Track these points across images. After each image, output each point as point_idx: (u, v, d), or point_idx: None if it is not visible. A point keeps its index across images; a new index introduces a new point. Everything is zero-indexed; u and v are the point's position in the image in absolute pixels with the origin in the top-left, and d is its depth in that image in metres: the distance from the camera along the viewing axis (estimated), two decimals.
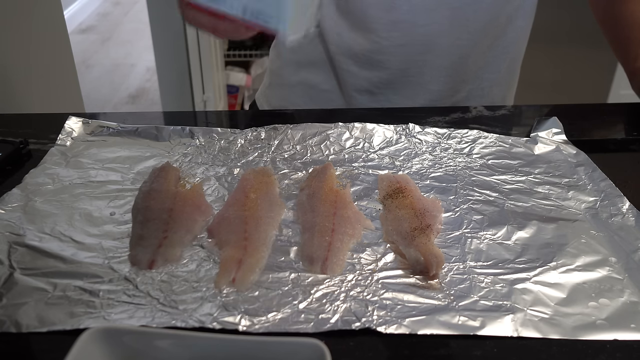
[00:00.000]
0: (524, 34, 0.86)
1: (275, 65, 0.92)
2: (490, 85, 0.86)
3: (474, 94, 0.86)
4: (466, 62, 0.81)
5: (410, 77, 0.82)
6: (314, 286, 0.46)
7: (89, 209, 0.55)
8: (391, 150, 0.68)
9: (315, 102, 0.87)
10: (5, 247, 0.49)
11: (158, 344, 0.37)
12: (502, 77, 0.87)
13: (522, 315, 0.44)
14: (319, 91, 0.87)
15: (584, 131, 0.74)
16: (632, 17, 0.84)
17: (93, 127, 0.70)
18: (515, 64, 0.89)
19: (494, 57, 0.83)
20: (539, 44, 2.15)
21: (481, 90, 0.86)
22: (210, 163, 0.64)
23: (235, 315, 0.43)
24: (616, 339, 0.42)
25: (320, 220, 0.53)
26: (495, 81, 0.86)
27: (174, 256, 0.49)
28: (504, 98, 0.90)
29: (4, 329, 0.42)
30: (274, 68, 0.93)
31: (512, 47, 0.84)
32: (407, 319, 0.43)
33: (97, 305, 0.44)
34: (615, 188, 0.60)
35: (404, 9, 0.77)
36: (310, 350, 0.36)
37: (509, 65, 0.87)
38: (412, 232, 0.52)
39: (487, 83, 0.86)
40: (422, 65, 0.81)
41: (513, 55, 0.86)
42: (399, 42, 0.79)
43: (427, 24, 0.77)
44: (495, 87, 0.87)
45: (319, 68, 0.86)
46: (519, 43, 0.86)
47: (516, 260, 0.50)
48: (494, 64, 0.84)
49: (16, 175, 0.61)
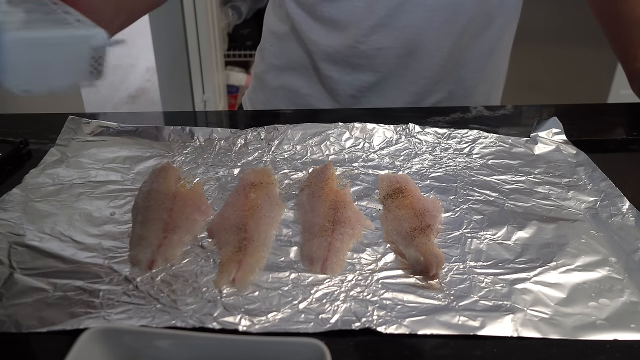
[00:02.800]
0: (508, 31, 0.84)
1: (259, 69, 0.93)
2: (474, 84, 0.85)
3: (457, 94, 0.85)
4: (447, 62, 0.81)
5: (391, 79, 0.82)
6: (314, 286, 0.46)
7: (89, 209, 0.55)
8: (391, 150, 0.68)
9: (297, 106, 0.88)
10: (5, 247, 0.49)
11: (158, 344, 0.37)
12: (487, 76, 0.86)
13: (522, 315, 0.44)
14: (301, 95, 0.87)
15: (584, 131, 0.74)
16: (631, 15, 0.82)
17: (93, 127, 0.70)
18: (501, 61, 0.88)
19: (476, 56, 0.83)
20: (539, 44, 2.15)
21: (464, 90, 0.85)
22: (210, 163, 0.64)
23: (235, 315, 0.43)
24: (616, 339, 0.42)
25: (320, 220, 0.53)
26: (479, 80, 0.85)
27: (174, 256, 0.49)
28: (488, 96, 0.89)
29: (4, 329, 0.42)
30: (257, 72, 0.93)
31: (495, 44, 0.83)
32: (407, 319, 0.43)
33: (97, 305, 0.44)
34: (615, 188, 0.60)
35: (382, 13, 0.76)
36: (310, 350, 0.36)
37: (494, 63, 0.86)
38: (412, 232, 0.52)
39: (471, 82, 0.85)
40: (403, 68, 0.81)
41: (497, 53, 0.85)
42: (378, 45, 0.79)
43: (405, 27, 0.77)
44: (480, 86, 0.86)
45: (300, 72, 0.86)
46: (503, 40, 0.85)
47: (516, 260, 0.50)
48: (476, 63, 0.83)
49: (16, 175, 0.61)
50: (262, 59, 0.91)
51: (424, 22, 0.77)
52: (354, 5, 0.77)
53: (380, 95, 0.83)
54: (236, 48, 2.60)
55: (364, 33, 0.78)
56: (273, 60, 0.89)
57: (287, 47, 0.85)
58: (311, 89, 0.86)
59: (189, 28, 2.21)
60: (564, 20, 2.10)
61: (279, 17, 0.86)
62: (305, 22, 0.81)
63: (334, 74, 0.82)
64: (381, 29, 0.77)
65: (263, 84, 0.91)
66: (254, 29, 2.56)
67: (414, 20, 0.77)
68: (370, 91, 0.83)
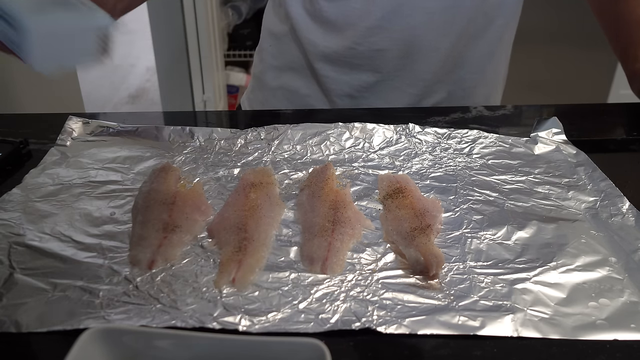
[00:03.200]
0: (507, 32, 0.84)
1: (258, 69, 0.93)
2: (473, 85, 0.85)
3: (456, 95, 0.85)
4: (445, 63, 0.81)
5: (390, 80, 0.82)
6: (314, 286, 0.46)
7: (89, 209, 0.55)
8: (391, 150, 0.68)
9: (296, 106, 0.88)
10: (5, 247, 0.49)
11: (158, 344, 0.37)
12: (486, 77, 0.86)
13: (522, 315, 0.44)
14: (299, 96, 0.87)
15: (584, 131, 0.75)
16: (631, 16, 0.82)
17: (93, 127, 0.70)
18: (500, 63, 0.88)
19: (475, 57, 0.82)
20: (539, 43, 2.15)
21: (463, 91, 0.85)
22: (210, 163, 0.64)
23: (235, 315, 0.43)
24: (616, 339, 0.42)
25: (320, 220, 0.53)
26: (478, 81, 0.85)
27: (174, 256, 0.49)
28: (488, 98, 0.89)
29: (4, 329, 0.42)
30: (256, 72, 0.94)
31: (494, 46, 0.83)
32: (407, 319, 0.43)
33: (97, 305, 0.44)
34: (615, 188, 0.60)
35: (378, 15, 0.76)
36: (310, 350, 0.36)
37: (493, 65, 0.86)
38: (412, 232, 0.52)
39: (470, 83, 0.85)
40: (402, 69, 0.80)
41: (497, 55, 0.85)
42: (376, 47, 0.79)
43: (403, 29, 0.77)
44: (479, 87, 0.86)
45: (299, 73, 0.86)
46: (503, 42, 0.85)
47: (516, 260, 0.50)
48: (476, 65, 0.83)
49: (16, 175, 0.61)
50: (260, 59, 0.91)
51: (421, 24, 0.77)
52: (351, 6, 0.77)
53: (379, 97, 0.83)
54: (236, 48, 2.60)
55: (362, 34, 0.78)
56: (272, 61, 0.89)
57: (286, 47, 0.86)
58: (310, 90, 0.86)
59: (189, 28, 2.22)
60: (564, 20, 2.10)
61: (279, 17, 0.86)
62: (305, 22, 0.81)
63: (332, 74, 0.82)
64: (378, 30, 0.77)
65: (262, 84, 0.91)
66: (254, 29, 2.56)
67: (412, 22, 0.76)
68: (368, 92, 0.83)
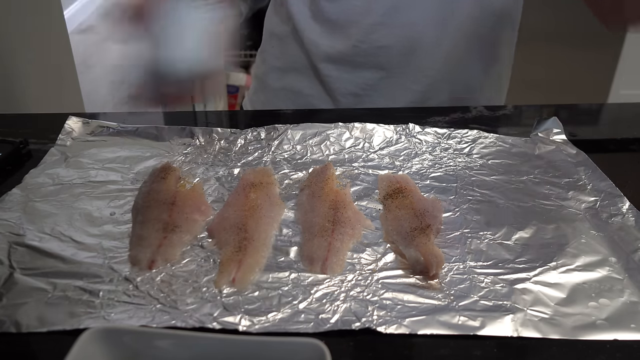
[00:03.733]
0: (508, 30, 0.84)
1: (260, 70, 0.92)
2: (476, 86, 0.85)
3: (459, 96, 0.85)
4: (448, 61, 0.81)
5: (394, 77, 0.82)
6: (314, 286, 0.46)
7: (89, 209, 0.55)
8: (391, 150, 0.68)
9: (299, 107, 0.88)
10: (5, 247, 0.49)
11: (158, 344, 0.37)
12: (490, 79, 0.86)
13: (522, 315, 0.44)
14: (303, 96, 0.87)
15: (584, 131, 0.75)
16: None
17: (93, 127, 0.70)
18: (504, 66, 0.88)
19: (477, 57, 0.82)
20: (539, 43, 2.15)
21: (466, 92, 0.85)
22: (210, 163, 0.64)
23: (235, 315, 0.43)
24: (616, 339, 0.42)
25: (320, 220, 0.53)
26: (481, 82, 0.85)
27: (174, 256, 0.49)
28: (490, 99, 0.89)
29: (4, 329, 0.42)
30: (259, 74, 0.93)
31: (496, 45, 0.83)
32: (407, 319, 0.43)
33: (97, 305, 0.44)
34: (615, 188, 0.60)
35: (380, 12, 0.76)
36: (310, 350, 0.36)
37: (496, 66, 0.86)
38: (412, 232, 0.52)
39: (474, 84, 0.85)
40: (405, 65, 0.80)
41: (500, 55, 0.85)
42: (378, 44, 0.79)
43: (404, 25, 0.77)
44: (482, 89, 0.86)
45: (302, 73, 0.86)
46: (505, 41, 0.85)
47: (516, 260, 0.50)
48: (479, 65, 0.83)
49: (16, 175, 0.61)
50: (263, 60, 0.91)
51: (421, 19, 0.77)
52: (352, 4, 0.77)
53: (382, 95, 0.83)
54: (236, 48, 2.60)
55: (364, 32, 0.78)
56: (274, 62, 0.89)
57: (288, 48, 0.85)
58: (314, 90, 0.86)
59: None
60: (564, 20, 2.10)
61: (281, 18, 0.86)
62: (307, 23, 0.81)
63: (335, 73, 0.82)
64: (381, 27, 0.77)
65: (264, 85, 0.91)
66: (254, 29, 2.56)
67: (413, 18, 0.77)
68: (372, 89, 0.83)
